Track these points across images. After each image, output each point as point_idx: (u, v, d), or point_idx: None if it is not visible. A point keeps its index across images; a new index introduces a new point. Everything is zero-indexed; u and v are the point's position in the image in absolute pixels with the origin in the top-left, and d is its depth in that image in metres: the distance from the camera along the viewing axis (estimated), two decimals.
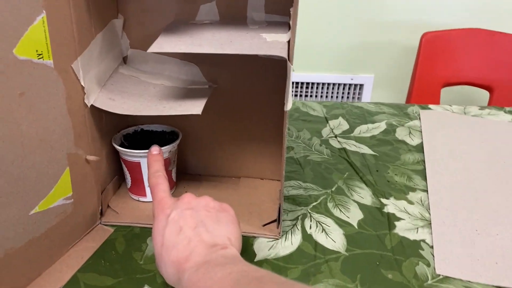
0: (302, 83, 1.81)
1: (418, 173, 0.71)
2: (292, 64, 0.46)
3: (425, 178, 0.69)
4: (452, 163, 0.73)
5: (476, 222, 0.58)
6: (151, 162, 0.51)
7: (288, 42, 0.49)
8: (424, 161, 0.74)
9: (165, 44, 0.48)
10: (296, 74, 1.77)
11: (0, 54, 0.37)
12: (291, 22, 0.49)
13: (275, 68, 0.57)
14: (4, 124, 0.39)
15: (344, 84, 1.82)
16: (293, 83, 1.81)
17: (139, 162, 0.57)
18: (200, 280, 0.38)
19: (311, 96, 1.85)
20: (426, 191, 0.66)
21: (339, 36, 1.71)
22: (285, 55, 0.46)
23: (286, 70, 0.48)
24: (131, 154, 0.57)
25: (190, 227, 0.43)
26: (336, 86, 1.82)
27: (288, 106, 0.48)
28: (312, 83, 1.82)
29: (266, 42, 0.49)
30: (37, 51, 0.41)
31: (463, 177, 0.69)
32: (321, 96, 1.85)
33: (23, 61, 0.40)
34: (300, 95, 1.85)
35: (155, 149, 0.53)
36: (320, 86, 1.82)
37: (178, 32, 0.52)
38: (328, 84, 1.81)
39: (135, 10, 0.57)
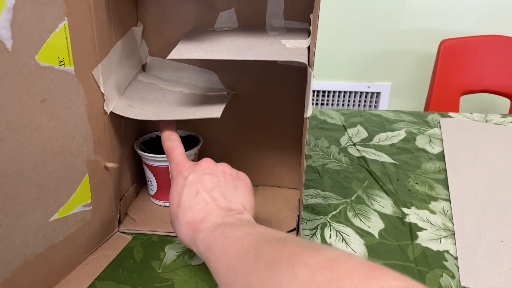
0: (318, 91, 1.80)
1: (439, 182, 0.69)
2: (312, 70, 0.46)
3: (447, 187, 0.67)
4: (475, 172, 0.71)
5: (502, 233, 0.56)
6: (162, 126, 0.51)
7: (308, 48, 0.49)
8: (445, 170, 0.73)
9: (184, 50, 0.48)
10: (313, 82, 1.76)
11: (23, 61, 0.37)
12: (311, 28, 0.49)
13: (294, 75, 0.57)
14: (25, 130, 0.39)
15: (361, 92, 1.80)
16: None
17: (168, 167, 0.57)
18: (216, 239, 0.37)
19: (327, 104, 1.84)
20: (449, 200, 0.64)
21: (356, 44, 1.70)
22: (305, 60, 0.46)
23: (305, 77, 0.47)
24: (159, 159, 0.57)
25: (207, 191, 0.43)
26: (353, 94, 1.81)
27: (308, 112, 0.47)
28: (329, 91, 1.81)
29: (285, 48, 0.49)
30: (58, 57, 0.41)
31: (486, 186, 0.67)
32: (338, 104, 1.84)
33: (45, 68, 0.40)
34: (317, 103, 1.84)
35: (167, 132, 0.51)
36: (337, 94, 1.81)
37: (197, 39, 0.52)
38: (345, 92, 1.80)
39: (154, 18, 0.58)
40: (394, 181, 0.69)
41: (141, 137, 0.62)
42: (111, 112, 0.51)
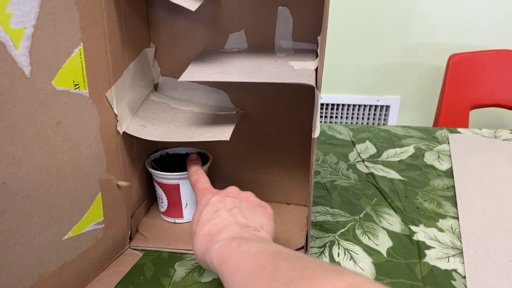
0: (328, 104, 1.81)
1: (448, 199, 0.69)
2: (320, 92, 0.47)
3: (455, 205, 0.68)
4: (483, 189, 0.71)
5: (511, 252, 0.56)
6: (190, 164, 0.56)
7: (316, 69, 0.50)
8: (454, 187, 0.73)
9: (195, 73, 0.50)
10: (322, 96, 1.77)
11: (40, 86, 0.39)
12: (318, 50, 0.50)
13: (303, 94, 0.58)
14: (41, 153, 0.40)
15: (370, 106, 1.81)
16: None
17: (178, 184, 0.58)
18: (232, 251, 0.37)
19: (336, 117, 1.84)
20: (457, 218, 0.64)
21: (366, 57, 1.71)
22: (313, 83, 0.47)
23: (313, 96, 0.48)
24: (170, 177, 0.58)
25: (227, 209, 0.44)
26: (362, 108, 1.81)
27: (316, 133, 0.48)
28: (338, 105, 1.81)
29: (294, 70, 0.50)
30: (74, 81, 0.43)
31: (495, 204, 0.67)
32: (347, 117, 1.84)
33: (61, 92, 0.41)
34: (326, 116, 1.85)
35: (193, 155, 0.58)
36: (346, 107, 1.82)
37: (208, 60, 0.53)
38: (354, 105, 1.81)
39: (166, 39, 0.59)
40: (402, 198, 0.70)
41: (152, 154, 0.63)
42: (124, 132, 0.52)
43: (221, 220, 0.43)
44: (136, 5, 0.54)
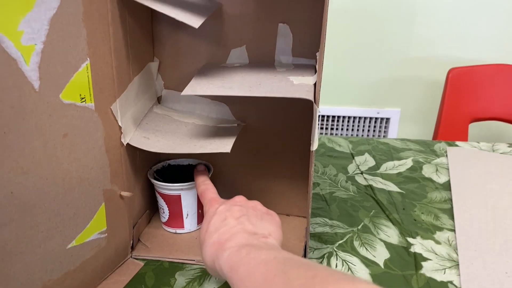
0: (329, 116, 1.83)
1: (445, 212, 0.70)
2: (318, 106, 0.48)
3: (452, 217, 0.69)
4: (480, 202, 0.72)
5: (506, 264, 0.57)
6: (197, 175, 0.57)
7: (315, 84, 0.51)
8: (451, 200, 0.74)
9: (197, 87, 0.51)
10: (323, 108, 1.79)
11: (48, 99, 0.40)
12: (317, 66, 0.51)
13: (302, 108, 0.59)
14: (48, 164, 0.41)
15: (371, 118, 1.82)
16: (319, 116, 1.82)
17: (180, 195, 0.59)
18: (242, 259, 0.37)
19: (337, 129, 1.86)
20: (454, 230, 0.65)
21: (366, 70, 1.73)
22: (311, 98, 0.48)
23: (312, 110, 0.49)
24: (172, 188, 0.59)
25: (234, 217, 0.45)
26: (363, 120, 1.83)
27: (314, 146, 0.49)
28: (338, 117, 1.83)
29: (293, 85, 0.51)
30: (80, 95, 0.44)
31: (491, 216, 0.68)
32: (347, 129, 1.85)
33: (68, 105, 0.43)
34: (326, 128, 1.86)
35: (200, 166, 0.60)
36: (346, 119, 1.83)
37: (210, 75, 0.55)
38: (355, 117, 1.82)
39: (169, 53, 0.61)
40: (400, 210, 0.71)
41: (154, 165, 0.64)
42: (127, 143, 0.54)
43: (230, 228, 0.43)
44: (141, 21, 0.56)
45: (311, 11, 0.56)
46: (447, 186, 0.79)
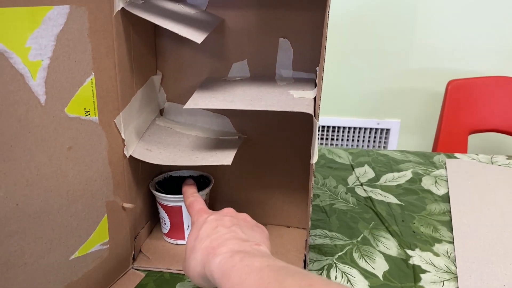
0: (328, 127, 1.84)
1: (444, 224, 0.71)
2: (318, 121, 0.49)
3: (451, 229, 0.69)
4: (479, 214, 0.73)
5: (504, 277, 0.58)
6: (186, 188, 0.57)
7: (315, 98, 0.52)
8: (450, 212, 0.74)
9: (199, 100, 0.52)
10: (323, 118, 1.80)
11: (54, 113, 0.41)
12: (317, 80, 0.52)
13: (302, 121, 0.60)
14: (53, 176, 0.42)
15: (371, 129, 1.83)
16: (319, 127, 1.84)
17: (181, 207, 0.60)
18: (235, 265, 0.37)
19: (337, 139, 1.87)
20: (452, 243, 0.66)
21: (366, 81, 1.74)
22: (311, 111, 0.49)
23: (312, 123, 0.50)
24: (173, 200, 0.60)
25: (226, 226, 0.44)
26: (363, 131, 1.84)
27: (314, 159, 0.50)
28: (339, 127, 1.84)
29: (293, 99, 0.52)
30: (85, 109, 0.45)
31: (490, 229, 0.69)
32: (348, 140, 1.86)
33: (73, 118, 0.44)
34: (327, 139, 1.87)
35: (189, 180, 0.60)
36: (347, 130, 1.84)
37: (212, 88, 0.56)
38: (355, 128, 1.83)
39: (172, 67, 0.62)
40: (399, 222, 0.71)
41: (156, 177, 0.65)
42: (130, 156, 0.55)
43: (221, 235, 0.43)
44: (145, 36, 0.57)
45: (311, 26, 0.57)
46: (446, 198, 0.79)
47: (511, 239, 0.66)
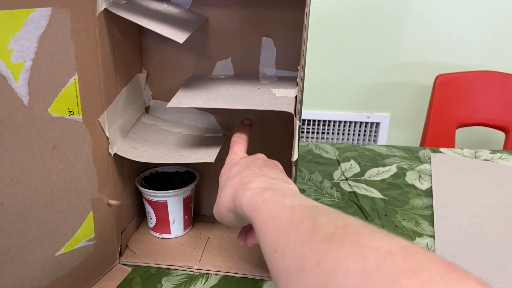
0: (319, 120, 1.85)
1: (426, 218, 0.73)
2: (298, 120, 0.50)
3: (432, 224, 0.71)
4: (460, 208, 0.75)
5: (481, 269, 0.60)
6: (240, 127, 0.56)
7: (296, 97, 0.53)
8: (432, 206, 0.76)
9: (183, 99, 0.53)
10: (313, 112, 1.82)
11: (37, 114, 0.42)
12: (298, 79, 0.53)
13: (284, 119, 0.61)
14: (37, 175, 0.43)
15: (361, 122, 1.85)
16: (310, 120, 1.85)
17: (166, 202, 0.61)
18: (266, 200, 0.36)
19: (327, 133, 1.88)
20: (433, 236, 0.67)
21: (356, 75, 1.76)
22: (292, 110, 0.50)
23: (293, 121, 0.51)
24: (159, 195, 0.61)
25: (257, 167, 0.44)
26: (353, 124, 1.86)
27: (294, 157, 0.51)
28: (329, 121, 1.85)
29: (275, 98, 0.53)
30: (68, 108, 0.46)
31: (470, 223, 0.70)
32: (338, 134, 1.88)
33: (56, 118, 0.45)
34: (317, 132, 1.89)
35: (247, 120, 0.58)
36: (337, 124, 1.86)
37: (196, 87, 0.57)
38: (345, 122, 1.85)
39: (157, 65, 0.63)
40: (382, 216, 0.73)
41: (142, 173, 0.66)
42: (115, 153, 0.56)
43: (252, 173, 0.42)
44: (129, 35, 0.58)
45: (294, 25, 0.58)
46: (429, 192, 0.81)
47: (489, 233, 0.68)
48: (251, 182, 0.40)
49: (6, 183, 0.40)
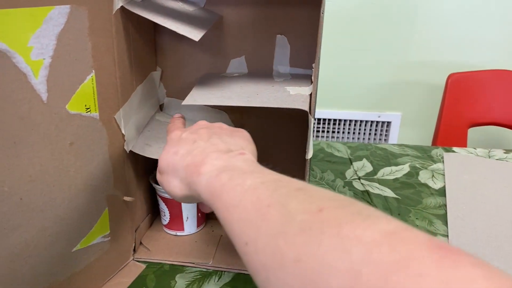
0: (330, 119, 1.85)
1: (439, 217, 0.72)
2: (313, 117, 0.50)
3: (446, 223, 0.70)
4: (474, 208, 0.74)
5: None
6: (172, 120, 0.52)
7: (310, 95, 0.53)
8: (446, 206, 0.75)
9: (198, 97, 0.53)
10: (324, 111, 1.81)
11: (55, 110, 0.42)
12: (312, 77, 0.53)
13: (298, 117, 0.61)
14: (55, 171, 0.44)
15: (372, 122, 1.84)
16: (320, 119, 1.84)
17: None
18: (224, 185, 0.33)
19: (338, 132, 1.88)
20: (447, 236, 0.67)
21: (367, 74, 1.75)
22: (306, 108, 0.50)
23: (308, 118, 0.51)
24: None
25: (204, 139, 0.41)
26: (364, 123, 1.85)
27: (309, 154, 0.51)
28: (340, 120, 1.85)
29: (289, 96, 0.53)
30: (85, 105, 0.47)
31: (484, 222, 0.70)
32: (349, 132, 1.87)
33: (74, 115, 0.45)
34: (328, 131, 1.88)
35: (177, 114, 0.54)
36: (348, 123, 1.85)
37: (210, 85, 0.57)
38: (356, 121, 1.84)
39: (172, 63, 0.63)
40: (395, 215, 0.72)
41: (156, 170, 0.66)
42: (130, 150, 0.56)
43: (202, 150, 0.39)
44: (144, 33, 0.58)
45: (308, 23, 0.58)
46: (442, 192, 0.81)
47: (504, 233, 0.67)
48: (204, 164, 0.37)
49: (25, 179, 0.40)
